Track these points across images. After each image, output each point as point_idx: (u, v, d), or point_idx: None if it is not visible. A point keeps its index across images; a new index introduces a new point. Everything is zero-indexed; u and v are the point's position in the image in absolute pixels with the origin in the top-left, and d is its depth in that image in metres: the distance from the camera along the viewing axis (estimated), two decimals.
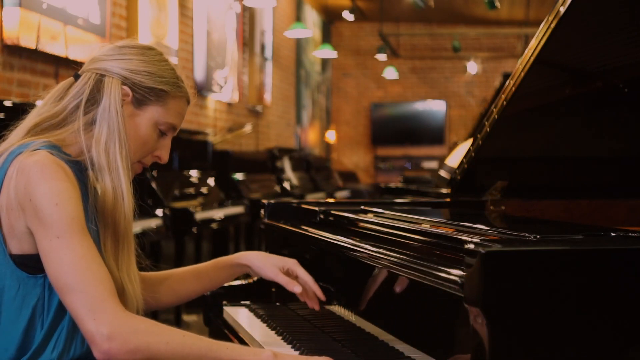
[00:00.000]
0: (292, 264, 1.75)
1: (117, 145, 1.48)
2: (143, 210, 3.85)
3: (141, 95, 1.51)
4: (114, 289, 1.37)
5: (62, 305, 1.39)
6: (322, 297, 1.72)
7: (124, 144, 1.49)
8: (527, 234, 1.30)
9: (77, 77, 1.53)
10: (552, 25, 1.85)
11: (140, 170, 1.59)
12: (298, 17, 10.77)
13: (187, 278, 1.78)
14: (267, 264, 1.76)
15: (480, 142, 2.16)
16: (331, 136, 13.21)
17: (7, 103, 3.05)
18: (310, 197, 7.41)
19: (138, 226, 3.75)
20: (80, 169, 1.48)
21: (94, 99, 1.49)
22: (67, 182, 1.38)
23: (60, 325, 1.42)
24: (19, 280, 1.40)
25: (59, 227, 1.35)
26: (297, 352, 1.60)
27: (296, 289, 1.70)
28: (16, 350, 1.40)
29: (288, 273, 1.76)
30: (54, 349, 1.41)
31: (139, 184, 1.56)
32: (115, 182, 1.47)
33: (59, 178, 1.37)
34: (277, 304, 2.20)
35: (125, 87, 1.50)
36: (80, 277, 1.33)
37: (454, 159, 4.10)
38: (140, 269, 1.63)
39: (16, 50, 4.05)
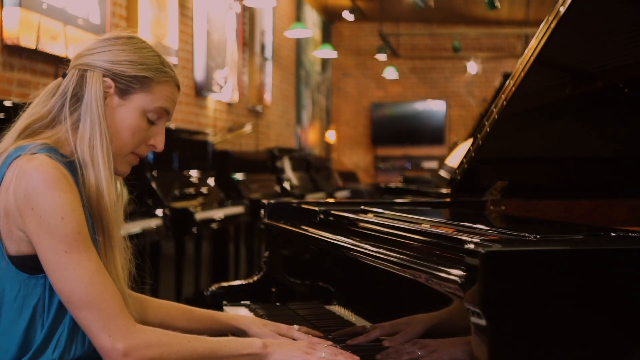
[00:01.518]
0: (287, 329, 1.69)
1: (98, 139, 1.46)
2: (143, 210, 3.85)
3: (124, 85, 1.49)
4: (122, 301, 1.39)
5: (63, 305, 1.40)
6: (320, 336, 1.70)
7: (104, 137, 1.47)
8: (527, 234, 1.30)
9: (64, 75, 1.52)
10: (552, 25, 1.85)
11: (136, 161, 1.57)
12: (298, 17, 10.77)
13: (179, 316, 1.72)
14: (264, 331, 1.69)
15: (480, 142, 2.16)
16: (331, 136, 13.21)
17: (7, 103, 3.05)
18: (310, 197, 7.40)
19: (138, 226, 3.74)
20: (74, 170, 1.47)
21: (77, 95, 1.48)
22: (70, 192, 1.38)
23: (61, 326, 1.42)
24: (19, 282, 1.40)
25: (66, 242, 1.35)
26: None
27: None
28: (17, 351, 1.40)
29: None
30: (55, 349, 1.41)
31: (139, 184, 1.56)
32: (97, 176, 1.46)
33: (61, 188, 1.37)
34: (277, 304, 2.20)
35: (106, 79, 1.48)
36: (92, 293, 1.35)
37: (454, 159, 4.10)
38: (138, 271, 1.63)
39: (16, 50, 4.05)
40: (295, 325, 1.71)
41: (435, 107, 13.15)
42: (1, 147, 1.47)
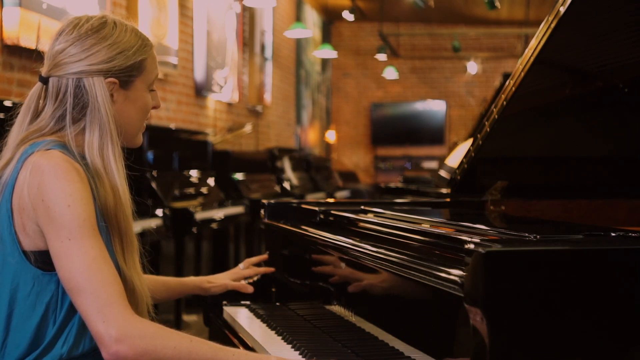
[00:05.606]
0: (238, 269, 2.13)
1: (110, 147, 1.48)
2: (143, 210, 3.85)
3: (126, 75, 1.51)
4: (123, 291, 1.38)
5: None
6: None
7: (116, 144, 1.49)
8: (527, 234, 1.30)
9: (43, 80, 1.50)
10: (552, 25, 1.85)
11: (145, 127, 1.62)
12: (298, 17, 10.77)
13: (157, 287, 1.86)
14: (218, 276, 2.07)
15: (480, 142, 2.16)
16: (331, 136, 13.21)
17: (7, 103, 3.06)
18: (310, 197, 7.40)
19: (138, 226, 3.75)
20: (85, 168, 1.48)
21: (79, 104, 1.48)
22: (79, 183, 1.39)
23: (72, 322, 1.43)
24: (33, 278, 1.41)
25: (70, 229, 1.36)
26: (298, 352, 1.60)
27: (249, 289, 2.07)
28: (28, 346, 1.41)
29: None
30: (64, 344, 1.42)
31: (139, 184, 1.57)
32: (112, 184, 1.48)
33: (71, 179, 1.38)
34: (277, 304, 2.20)
35: (109, 79, 1.49)
36: (91, 279, 1.35)
37: (454, 159, 4.10)
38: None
39: (16, 50, 4.05)
40: (240, 264, 2.14)
41: (435, 107, 13.15)
42: (4, 155, 1.47)
